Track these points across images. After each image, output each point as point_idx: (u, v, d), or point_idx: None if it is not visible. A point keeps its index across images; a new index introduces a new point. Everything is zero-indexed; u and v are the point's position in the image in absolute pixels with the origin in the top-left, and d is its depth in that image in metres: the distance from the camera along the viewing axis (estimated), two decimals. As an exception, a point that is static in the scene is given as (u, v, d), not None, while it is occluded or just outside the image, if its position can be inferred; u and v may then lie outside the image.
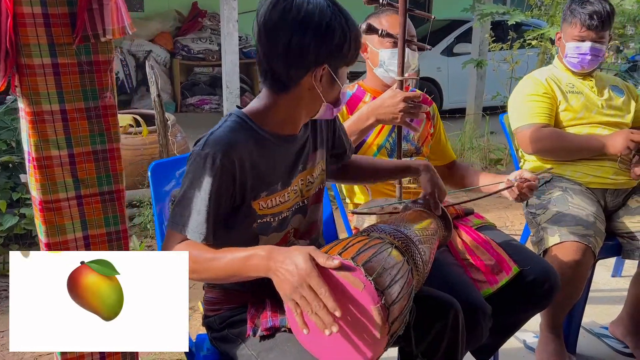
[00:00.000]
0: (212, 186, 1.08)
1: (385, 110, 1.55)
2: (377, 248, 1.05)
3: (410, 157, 1.83)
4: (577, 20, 2.08)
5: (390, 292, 0.98)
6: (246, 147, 1.14)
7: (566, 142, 2.06)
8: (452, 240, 1.68)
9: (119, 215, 1.12)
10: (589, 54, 2.09)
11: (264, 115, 1.20)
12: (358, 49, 1.16)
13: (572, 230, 1.88)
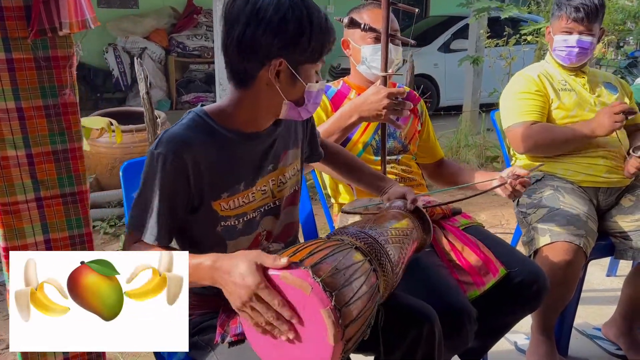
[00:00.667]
0: (163, 187, 1.05)
1: (368, 107, 1.50)
2: (332, 249, 1.00)
3: (397, 155, 1.78)
4: (564, 12, 2.04)
5: (343, 293, 0.93)
6: (202, 146, 1.10)
7: (555, 134, 2.01)
8: (438, 241, 1.63)
9: (82, 217, 1.07)
10: (577, 47, 2.03)
11: (225, 113, 1.15)
12: (324, 46, 1.09)
13: (563, 230, 1.83)
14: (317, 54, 1.09)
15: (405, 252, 1.26)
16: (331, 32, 1.10)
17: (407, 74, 4.11)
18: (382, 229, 1.24)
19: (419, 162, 1.98)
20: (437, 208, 1.70)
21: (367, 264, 1.08)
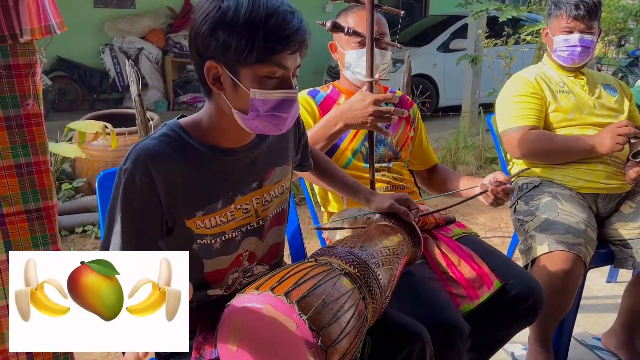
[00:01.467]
0: (129, 205, 1.00)
1: (353, 114, 1.44)
2: (320, 278, 0.93)
3: (388, 162, 1.72)
4: (563, 11, 1.98)
5: (330, 332, 0.87)
6: (173, 162, 1.03)
7: (553, 144, 1.95)
8: (431, 252, 1.57)
9: (49, 234, 1.01)
10: (579, 46, 1.98)
11: (199, 126, 1.08)
12: (270, 48, 0.95)
13: (561, 238, 1.77)
14: (260, 56, 0.95)
15: (395, 272, 1.20)
16: (283, 31, 0.95)
17: (404, 75, 4.04)
18: (372, 248, 1.17)
19: (412, 169, 1.92)
20: (430, 217, 1.64)
21: (357, 292, 1.02)
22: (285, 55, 0.97)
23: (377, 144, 1.71)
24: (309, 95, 1.70)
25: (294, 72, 1.03)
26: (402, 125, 1.78)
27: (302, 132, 1.29)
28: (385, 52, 1.64)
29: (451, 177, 1.84)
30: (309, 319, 0.85)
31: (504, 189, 1.55)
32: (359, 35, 1.44)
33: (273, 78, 0.99)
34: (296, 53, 0.99)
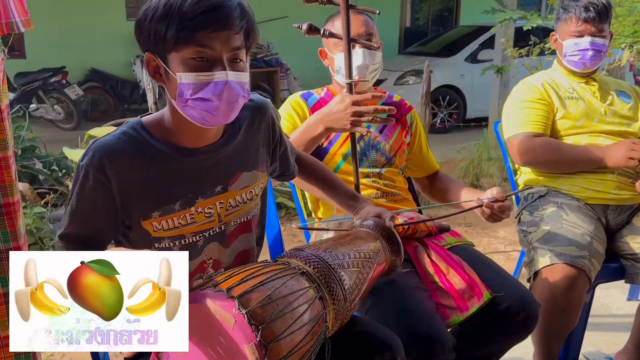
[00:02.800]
0: (82, 202, 1.00)
1: (334, 117, 1.40)
2: (272, 275, 0.90)
3: (381, 168, 1.67)
4: (572, 14, 1.90)
5: (273, 326, 0.83)
6: (130, 160, 1.02)
7: (560, 154, 1.87)
8: (421, 261, 1.51)
9: (9, 231, 1.01)
10: (590, 50, 1.89)
11: (161, 124, 1.06)
12: (183, 28, 0.93)
13: (563, 251, 1.69)
14: (178, 36, 0.93)
15: (365, 277, 1.15)
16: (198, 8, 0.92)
17: (423, 85, 3.98)
18: (340, 251, 1.13)
19: (411, 176, 1.87)
20: (422, 225, 1.59)
21: (312, 291, 0.98)
22: (207, 34, 0.94)
23: (370, 149, 1.67)
24: (301, 98, 1.68)
25: (235, 55, 0.98)
26: (397, 130, 1.73)
27: (277, 139, 1.25)
28: (374, 53, 1.60)
29: (452, 187, 1.78)
30: (249, 313, 0.82)
31: (499, 205, 1.49)
32: (334, 36, 1.41)
33: (200, 60, 0.96)
34: (223, 32, 0.95)
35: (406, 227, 1.54)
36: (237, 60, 0.99)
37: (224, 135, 1.12)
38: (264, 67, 8.00)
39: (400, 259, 1.29)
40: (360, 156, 1.65)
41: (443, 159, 5.37)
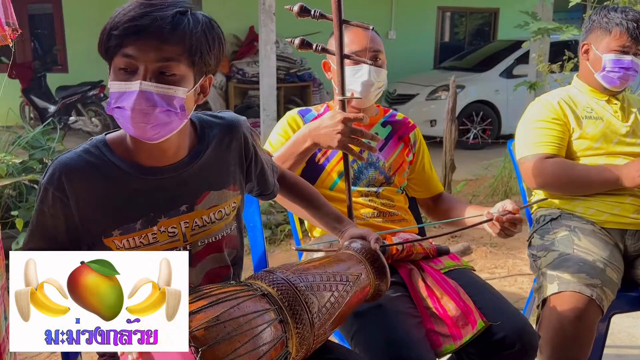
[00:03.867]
0: (42, 219, 1.00)
1: (322, 132, 1.36)
2: (227, 295, 0.89)
3: (379, 187, 1.62)
4: (621, 29, 1.78)
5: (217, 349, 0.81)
6: (90, 178, 1.01)
7: (573, 175, 1.77)
8: (415, 285, 1.45)
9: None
10: (632, 69, 1.79)
11: (123, 142, 1.05)
12: (108, 37, 0.94)
13: (573, 278, 1.59)
14: (105, 46, 0.94)
15: (340, 300, 1.10)
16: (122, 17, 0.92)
17: (450, 101, 3.90)
18: (314, 273, 1.09)
19: (415, 196, 1.81)
20: (418, 247, 1.53)
21: (273, 313, 0.95)
22: (131, 43, 0.93)
23: (368, 167, 1.63)
24: (298, 114, 1.65)
25: (164, 68, 0.95)
26: (399, 148, 1.68)
27: (252, 157, 1.21)
28: (380, 70, 1.57)
29: (456, 206, 1.71)
30: (190, 334, 0.80)
31: (509, 218, 1.42)
32: (327, 52, 1.38)
33: (126, 70, 0.95)
34: (148, 41, 0.93)
35: (400, 249, 1.48)
36: (167, 73, 0.96)
37: (189, 153, 1.10)
38: (297, 82, 8.04)
39: (386, 283, 1.24)
40: (358, 174, 1.61)
41: (473, 175, 5.26)
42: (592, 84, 1.90)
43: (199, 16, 0.98)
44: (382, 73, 1.57)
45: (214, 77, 1.06)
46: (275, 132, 1.62)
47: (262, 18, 4.73)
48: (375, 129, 1.67)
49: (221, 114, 1.18)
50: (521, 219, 1.44)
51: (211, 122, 1.15)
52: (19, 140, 3.68)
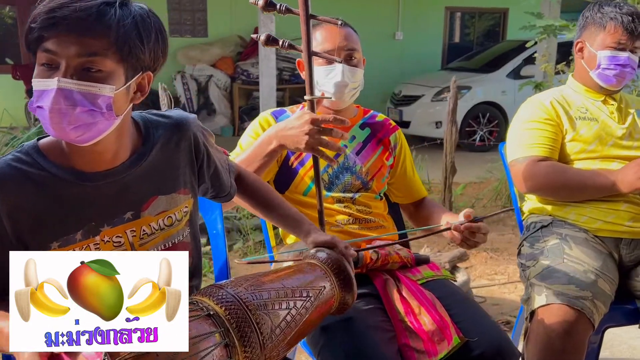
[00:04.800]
0: None
1: (288, 134, 1.28)
2: None
3: (355, 192, 1.54)
4: (615, 23, 1.69)
5: None
6: (21, 188, 0.93)
7: (566, 180, 1.67)
8: (390, 297, 1.36)
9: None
10: (629, 66, 1.70)
11: (58, 147, 0.97)
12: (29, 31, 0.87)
13: (561, 289, 1.49)
14: (28, 41, 0.88)
15: (299, 318, 1.02)
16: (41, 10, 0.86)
17: (450, 102, 3.80)
18: (269, 287, 1.01)
19: (397, 202, 1.73)
20: (395, 256, 1.44)
21: (218, 336, 0.87)
22: (50, 37, 0.86)
23: (344, 172, 1.54)
24: (271, 115, 1.57)
25: (88, 63, 0.87)
26: (378, 152, 1.59)
27: (204, 158, 1.13)
28: (355, 70, 1.48)
29: (435, 212, 1.63)
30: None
31: (468, 227, 1.34)
32: (294, 49, 1.30)
33: (46, 66, 0.88)
34: (68, 35, 0.86)
35: (375, 258, 1.40)
36: (92, 69, 0.88)
37: (132, 156, 1.02)
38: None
39: (352, 296, 1.15)
40: (333, 179, 1.52)
41: (477, 178, 5.14)
42: (587, 83, 1.81)
43: (132, 7, 0.90)
44: (357, 73, 1.48)
45: (218, 78, 0.99)
46: (246, 133, 1.55)
47: (261, 18, 4.67)
48: (353, 131, 1.59)
49: (168, 112, 1.10)
50: (484, 228, 1.36)
51: (157, 121, 1.07)
52: (12, 141, 3.65)
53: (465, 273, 2.68)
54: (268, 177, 1.53)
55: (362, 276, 1.42)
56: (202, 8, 8.05)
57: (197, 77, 7.75)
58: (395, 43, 8.82)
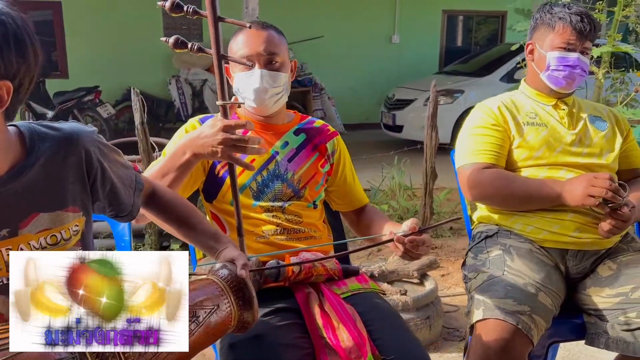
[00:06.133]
0: None
1: (201, 142, 1.22)
2: None
3: (286, 201, 1.48)
4: (564, 23, 1.64)
5: None
6: None
7: (511, 189, 1.60)
8: (311, 312, 1.31)
9: None
10: (578, 67, 1.64)
11: None
12: None
13: (498, 303, 1.43)
14: None
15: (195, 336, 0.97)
16: None
17: (430, 106, 3.73)
18: None
19: (338, 210, 1.67)
20: (320, 267, 1.38)
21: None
22: None
23: (274, 179, 1.49)
24: (198, 122, 1.51)
25: None
26: (313, 158, 1.54)
27: (97, 175, 1.06)
28: (276, 75, 1.43)
29: (376, 221, 1.57)
30: None
31: (410, 239, 1.28)
32: (204, 52, 1.25)
33: None
34: None
35: (297, 271, 1.35)
36: None
37: (11, 170, 0.96)
38: (297, 87, 7.93)
39: (252, 314, 1.09)
40: (262, 188, 1.47)
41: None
42: (538, 87, 1.75)
43: None
44: (279, 78, 1.43)
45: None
46: (171, 140, 1.50)
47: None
48: (286, 137, 1.53)
49: (60, 124, 1.04)
50: (426, 240, 1.30)
51: (44, 134, 1.00)
52: None
53: (433, 281, 2.61)
54: (196, 186, 1.48)
55: (284, 289, 1.37)
56: (197, 12, 8.04)
57: (191, 81, 7.74)
58: (391, 46, 8.76)
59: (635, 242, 1.64)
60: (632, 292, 1.47)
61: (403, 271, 2.72)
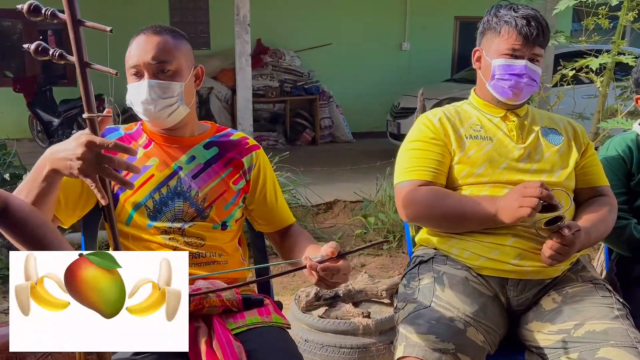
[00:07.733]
0: None
1: (60, 157, 1.07)
2: None
3: (189, 221, 1.35)
4: (509, 27, 1.47)
5: None
6: None
7: (445, 208, 1.44)
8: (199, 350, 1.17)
9: None
10: (526, 76, 1.47)
11: None
12: None
13: (421, 339, 1.27)
14: None
15: None
16: None
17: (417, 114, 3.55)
18: None
19: (261, 231, 1.53)
20: (214, 299, 1.25)
21: None
22: None
23: (174, 198, 1.36)
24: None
25: None
26: (223, 175, 1.40)
27: None
28: (167, 84, 1.30)
29: (299, 243, 1.43)
30: None
31: (323, 267, 1.13)
32: (66, 59, 1.12)
33: None
34: None
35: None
36: None
37: None
38: (304, 95, 7.83)
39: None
40: (159, 207, 1.34)
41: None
42: (486, 97, 1.59)
43: None
44: (170, 88, 1.30)
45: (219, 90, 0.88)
46: None
47: (236, 29, 4.55)
48: (193, 150, 1.40)
49: None
50: (342, 267, 1.14)
51: None
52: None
53: (401, 303, 2.44)
54: (89, 206, 1.36)
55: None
56: (204, 21, 8.02)
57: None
58: (402, 53, 8.58)
59: (587, 272, 1.45)
60: (575, 329, 1.29)
61: (372, 291, 2.55)
